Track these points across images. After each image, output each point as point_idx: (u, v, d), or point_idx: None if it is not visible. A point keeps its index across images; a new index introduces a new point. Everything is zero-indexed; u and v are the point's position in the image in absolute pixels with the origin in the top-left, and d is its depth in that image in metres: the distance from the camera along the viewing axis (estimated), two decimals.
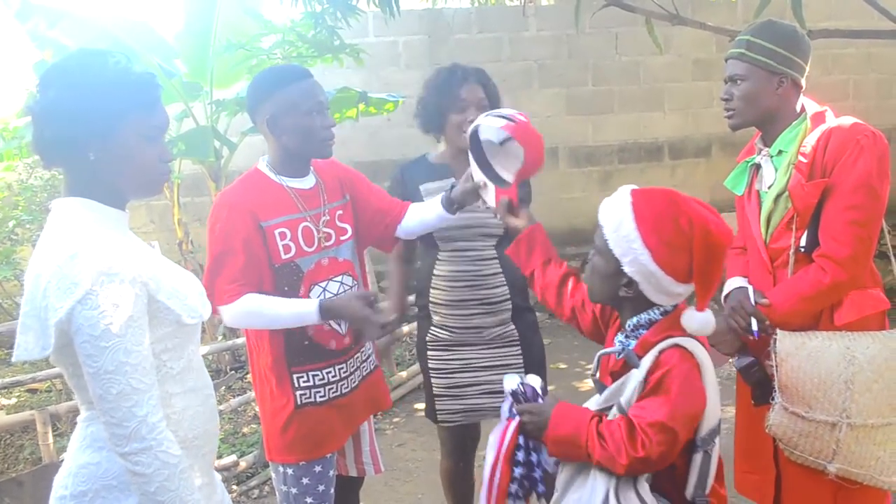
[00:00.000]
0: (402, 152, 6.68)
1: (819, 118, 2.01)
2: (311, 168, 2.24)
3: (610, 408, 1.59)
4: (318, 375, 2.15)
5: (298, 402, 2.13)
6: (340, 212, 2.25)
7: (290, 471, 2.17)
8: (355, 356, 2.25)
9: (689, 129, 6.97)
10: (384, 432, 4.26)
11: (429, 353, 2.58)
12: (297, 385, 2.14)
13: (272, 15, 4.85)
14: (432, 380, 2.58)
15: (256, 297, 2.05)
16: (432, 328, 2.57)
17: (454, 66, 2.52)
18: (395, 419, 4.54)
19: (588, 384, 4.88)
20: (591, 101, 6.83)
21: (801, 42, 2.02)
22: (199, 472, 1.50)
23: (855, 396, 1.85)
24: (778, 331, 1.93)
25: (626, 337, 1.66)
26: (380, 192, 2.40)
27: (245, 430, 4.27)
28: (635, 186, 1.64)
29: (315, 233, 2.15)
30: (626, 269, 1.55)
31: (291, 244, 2.11)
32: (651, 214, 1.54)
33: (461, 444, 2.70)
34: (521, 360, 2.54)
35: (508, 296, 2.50)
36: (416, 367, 5.09)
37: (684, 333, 1.55)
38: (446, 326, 2.54)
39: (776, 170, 2.02)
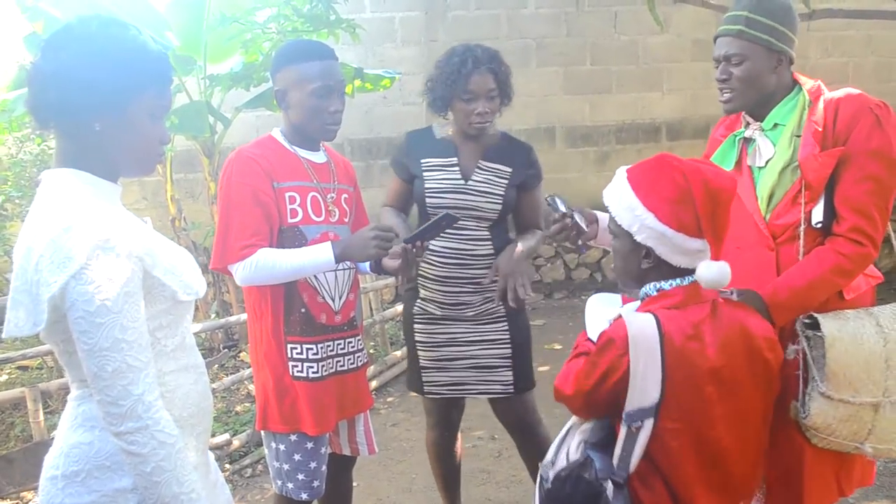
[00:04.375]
0: (397, 129, 6.63)
1: (817, 90, 1.95)
2: (323, 148, 2.28)
3: None
4: (311, 349, 2.16)
5: (293, 374, 2.15)
6: (346, 195, 2.29)
7: (282, 447, 2.17)
8: (348, 339, 2.26)
9: (687, 109, 6.92)
10: (378, 412, 4.25)
11: (415, 325, 2.60)
12: (290, 356, 2.15)
13: None
14: (419, 353, 2.60)
15: (270, 250, 2.07)
16: (419, 301, 2.58)
17: (466, 52, 2.46)
18: (389, 399, 4.53)
19: None
20: (588, 80, 6.77)
21: (794, 16, 1.95)
22: (194, 452, 1.47)
23: (894, 373, 1.78)
24: (817, 316, 1.83)
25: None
26: (364, 212, 2.43)
27: (238, 408, 4.25)
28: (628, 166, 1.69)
29: (322, 204, 2.19)
30: (638, 237, 1.57)
31: (299, 209, 2.14)
32: (645, 179, 1.59)
33: (447, 414, 2.72)
34: (508, 336, 2.57)
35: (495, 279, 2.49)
36: None
37: (652, 309, 1.56)
38: (433, 301, 2.55)
39: (774, 143, 1.95)
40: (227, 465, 3.59)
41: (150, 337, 1.36)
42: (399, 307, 5.35)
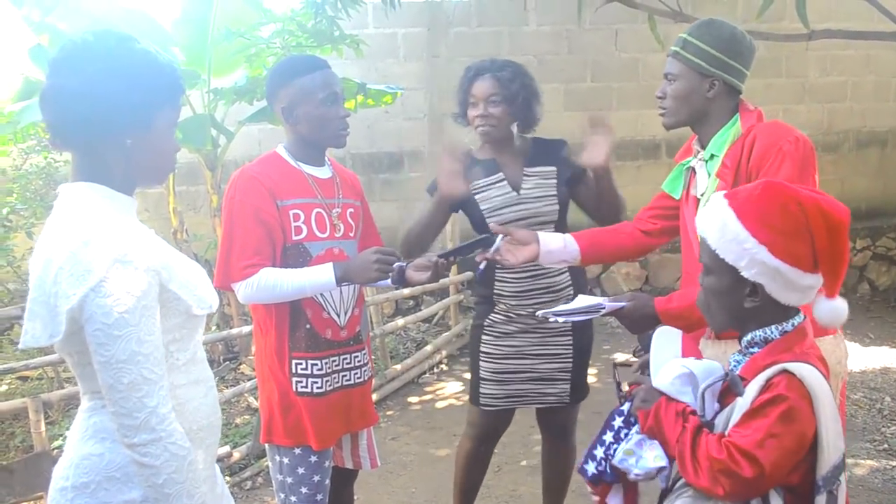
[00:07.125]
0: (399, 144, 6.68)
1: (749, 120, 1.94)
2: (328, 162, 2.29)
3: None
4: (316, 365, 2.17)
5: (297, 390, 2.16)
6: (352, 210, 2.29)
7: (286, 459, 2.18)
8: (353, 354, 2.26)
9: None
10: (378, 425, 4.24)
11: (483, 336, 2.59)
12: (294, 371, 2.16)
13: (272, 3, 4.82)
14: (481, 363, 2.60)
15: (273, 270, 2.08)
16: (493, 313, 2.58)
17: (477, 64, 2.56)
18: (389, 412, 4.54)
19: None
20: (589, 97, 6.82)
21: (740, 45, 1.94)
22: (202, 464, 1.48)
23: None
24: (703, 340, 1.88)
25: (741, 354, 1.52)
26: (373, 224, 2.44)
27: (238, 420, 4.26)
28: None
29: (327, 219, 2.19)
30: (746, 273, 1.40)
31: (303, 226, 2.15)
32: (754, 208, 1.41)
33: (492, 429, 2.71)
34: (570, 350, 2.58)
35: (570, 282, 2.55)
36: (411, 360, 5.09)
37: (797, 357, 1.40)
38: (510, 314, 2.55)
39: (709, 175, 1.96)
40: (228, 478, 3.59)
41: (164, 350, 1.37)
42: (399, 321, 5.37)
